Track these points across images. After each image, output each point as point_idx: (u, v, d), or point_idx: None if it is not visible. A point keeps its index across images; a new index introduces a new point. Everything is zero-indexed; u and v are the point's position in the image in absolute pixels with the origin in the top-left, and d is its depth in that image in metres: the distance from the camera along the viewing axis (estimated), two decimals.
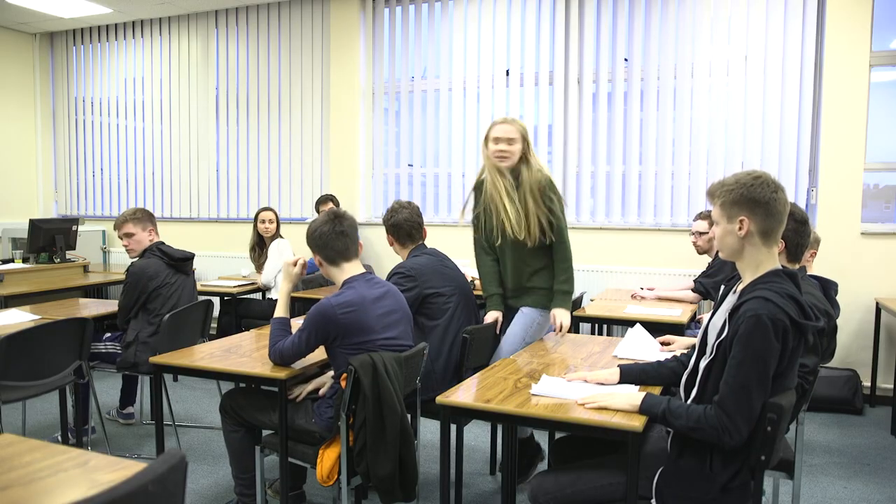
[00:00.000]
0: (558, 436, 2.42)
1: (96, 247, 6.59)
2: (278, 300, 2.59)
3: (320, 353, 2.51)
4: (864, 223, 4.51)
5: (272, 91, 6.20)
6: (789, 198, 1.87)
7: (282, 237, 5.13)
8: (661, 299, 4.09)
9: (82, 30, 7.00)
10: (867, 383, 4.44)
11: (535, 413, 1.93)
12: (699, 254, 4.25)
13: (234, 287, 4.84)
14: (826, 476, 3.36)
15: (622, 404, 1.88)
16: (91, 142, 7.14)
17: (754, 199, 1.80)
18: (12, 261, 5.31)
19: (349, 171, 5.88)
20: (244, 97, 6.31)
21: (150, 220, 3.63)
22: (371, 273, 2.56)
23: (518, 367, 2.42)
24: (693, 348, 2.04)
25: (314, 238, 2.49)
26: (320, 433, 2.41)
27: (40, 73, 7.18)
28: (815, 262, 3.02)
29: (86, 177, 7.19)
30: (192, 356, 2.64)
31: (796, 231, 2.44)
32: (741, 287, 1.88)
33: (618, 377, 2.15)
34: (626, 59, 5.06)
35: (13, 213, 6.86)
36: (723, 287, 2.06)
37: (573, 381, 2.16)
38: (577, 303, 3.82)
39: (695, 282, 4.09)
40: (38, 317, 3.43)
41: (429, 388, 2.76)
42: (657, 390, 2.08)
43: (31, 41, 7.14)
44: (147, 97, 6.77)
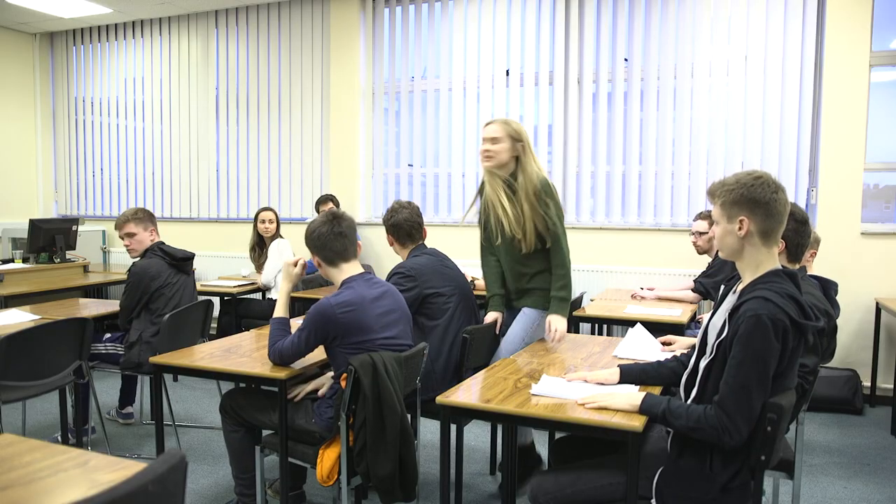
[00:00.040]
0: (558, 436, 2.42)
1: (96, 247, 6.60)
2: (278, 300, 2.59)
3: (320, 354, 2.51)
4: (864, 223, 4.51)
5: (272, 91, 6.20)
6: (789, 198, 1.87)
7: (282, 237, 5.13)
8: (661, 299, 4.09)
9: (82, 30, 7.00)
10: (867, 383, 4.44)
11: (535, 413, 1.93)
12: (699, 254, 4.25)
13: (234, 287, 4.85)
14: (826, 476, 3.36)
15: (622, 404, 1.88)
16: (91, 142, 7.14)
17: (754, 200, 1.80)
18: (12, 261, 5.32)
19: (349, 171, 5.88)
20: (244, 97, 6.32)
21: (151, 220, 3.63)
22: (370, 273, 2.56)
23: (518, 367, 2.42)
24: (693, 348, 2.04)
25: (312, 239, 2.49)
26: (320, 433, 2.41)
27: (40, 73, 7.19)
28: (815, 262, 3.02)
29: (86, 177, 7.19)
30: (192, 356, 2.64)
31: (797, 231, 2.44)
32: (741, 287, 1.88)
33: (618, 377, 2.15)
34: (626, 59, 5.06)
35: (13, 213, 6.86)
36: (723, 287, 2.06)
37: (573, 381, 2.16)
38: (577, 303, 3.82)
39: (695, 282, 4.09)
40: (38, 317, 3.43)
41: (429, 388, 2.76)
42: (657, 390, 2.08)
43: (31, 41, 7.14)
44: (147, 97, 6.77)
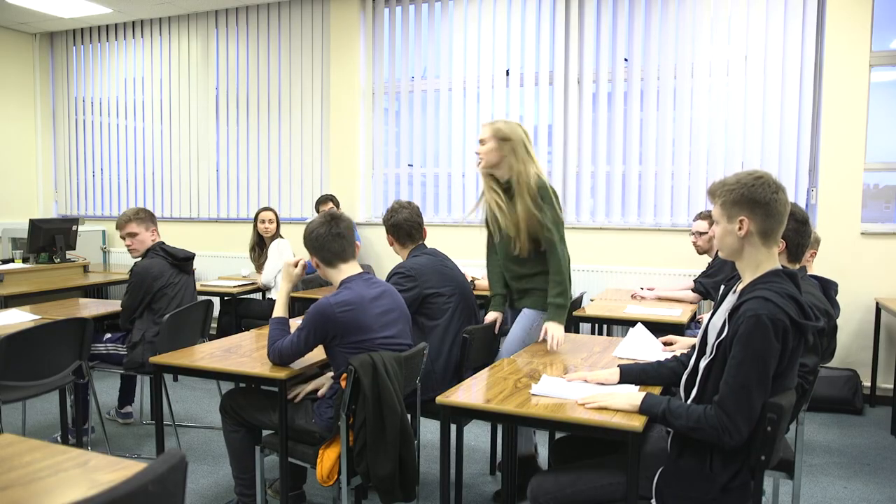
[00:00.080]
0: (558, 436, 2.42)
1: (96, 247, 6.60)
2: (277, 300, 2.59)
3: (320, 354, 2.51)
4: (864, 223, 4.51)
5: (272, 91, 6.20)
6: (789, 198, 1.87)
7: (282, 237, 5.13)
8: (661, 299, 4.08)
9: (82, 30, 7.00)
10: (867, 383, 4.44)
11: (535, 413, 1.93)
12: (699, 254, 4.25)
13: (234, 287, 4.85)
14: (826, 476, 3.36)
15: (622, 404, 1.88)
16: (91, 142, 7.14)
17: (755, 200, 1.80)
18: (12, 261, 5.32)
19: (349, 171, 5.88)
20: (244, 97, 6.31)
21: (152, 220, 3.64)
22: (368, 273, 2.56)
23: (518, 367, 2.42)
24: (693, 348, 2.04)
25: (311, 240, 2.50)
26: (320, 433, 2.41)
27: (40, 73, 7.19)
28: (815, 262, 3.02)
29: (86, 177, 7.19)
30: (192, 356, 2.64)
31: (797, 231, 2.44)
32: (741, 287, 1.88)
33: (618, 377, 2.15)
34: (626, 59, 5.06)
35: (13, 213, 6.86)
36: (723, 287, 2.06)
37: (573, 381, 2.16)
38: (577, 303, 3.82)
39: (695, 282, 4.09)
40: (38, 317, 3.43)
41: (429, 388, 2.76)
42: (657, 390, 2.08)
43: (31, 41, 7.14)
44: (147, 97, 6.77)
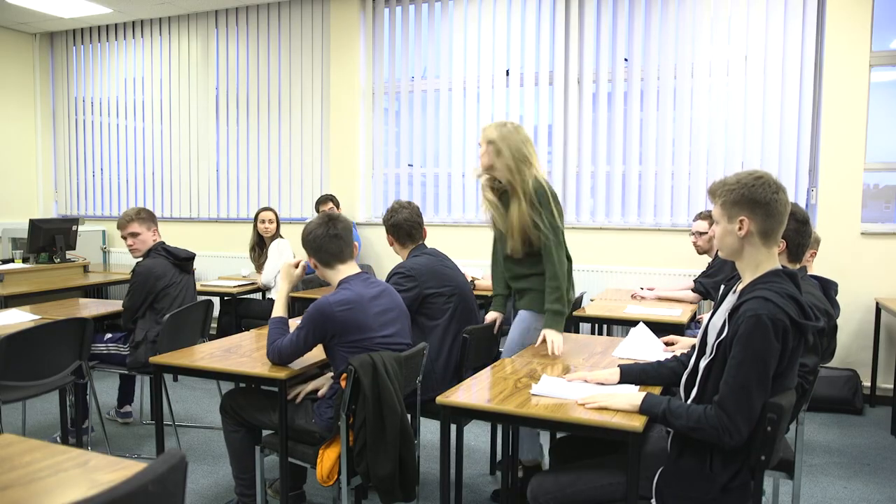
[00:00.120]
0: (558, 436, 2.42)
1: (96, 247, 6.60)
2: (276, 300, 2.59)
3: (320, 354, 2.51)
4: (864, 223, 4.51)
5: (272, 91, 6.20)
6: (789, 198, 1.87)
7: (282, 237, 5.13)
8: (661, 299, 4.08)
9: (82, 30, 7.00)
10: (867, 383, 4.44)
11: (535, 413, 1.93)
12: (699, 254, 4.25)
13: (234, 287, 4.84)
14: (826, 476, 3.36)
15: (622, 404, 1.88)
16: (91, 142, 7.14)
17: (755, 200, 1.80)
18: (12, 261, 5.31)
19: (349, 171, 5.88)
20: (244, 97, 6.31)
21: (153, 220, 3.65)
22: (366, 273, 2.56)
23: (518, 367, 2.42)
24: (693, 348, 2.04)
25: (308, 241, 2.50)
26: (320, 433, 2.41)
27: (40, 73, 7.18)
28: (815, 262, 3.01)
29: (86, 177, 7.19)
30: (192, 356, 2.64)
31: (797, 231, 2.44)
32: (741, 287, 1.88)
33: (618, 377, 2.15)
34: (626, 59, 5.06)
35: (13, 213, 6.86)
36: (723, 287, 2.06)
37: (573, 381, 2.16)
38: (577, 303, 3.82)
39: (695, 282, 4.09)
40: (38, 317, 3.43)
41: (429, 388, 2.76)
42: (657, 390, 2.08)
43: (31, 41, 7.14)
44: (147, 97, 6.77)
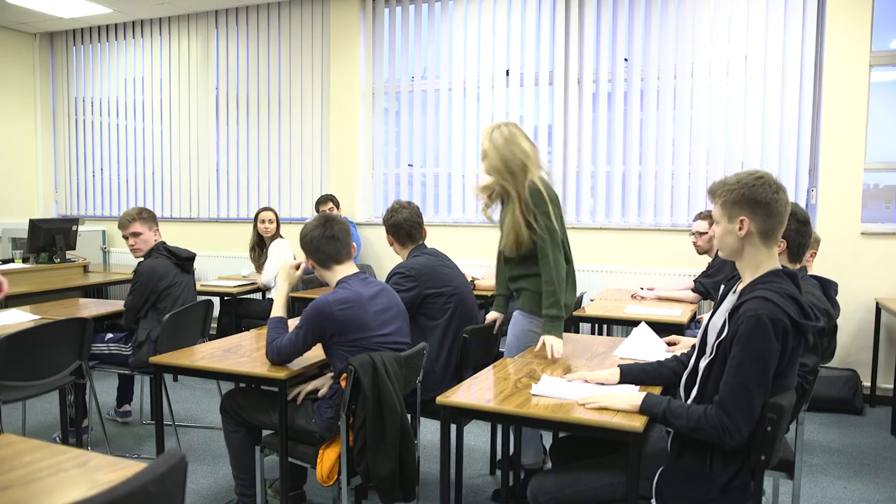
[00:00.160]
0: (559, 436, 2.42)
1: (96, 247, 6.60)
2: (275, 300, 2.59)
3: (320, 354, 2.51)
4: (864, 223, 4.51)
5: (272, 91, 6.20)
6: (790, 198, 1.87)
7: (282, 237, 5.13)
8: (661, 299, 4.09)
9: (82, 30, 7.00)
10: (867, 383, 4.44)
11: (535, 413, 1.93)
12: (699, 254, 4.25)
13: (234, 287, 4.84)
14: (826, 476, 3.36)
15: (622, 404, 1.88)
16: (91, 142, 7.14)
17: (755, 200, 1.80)
18: (12, 261, 5.32)
19: (349, 171, 5.88)
20: (244, 97, 6.31)
21: (154, 220, 3.65)
22: (364, 273, 2.56)
23: (518, 367, 2.42)
24: (693, 348, 2.04)
25: (305, 243, 2.51)
26: (320, 433, 2.41)
27: (40, 73, 7.18)
28: (815, 262, 3.02)
29: (86, 177, 7.19)
30: (192, 356, 2.64)
31: (798, 231, 2.44)
32: (741, 287, 1.88)
33: (618, 377, 2.15)
34: (626, 59, 5.06)
35: (13, 213, 6.86)
36: (723, 287, 2.06)
37: (573, 381, 2.16)
38: (578, 303, 3.82)
39: (695, 282, 4.09)
40: (38, 317, 3.43)
41: (429, 388, 2.76)
42: (657, 390, 2.08)
43: (31, 41, 7.13)
44: (147, 97, 6.77)
